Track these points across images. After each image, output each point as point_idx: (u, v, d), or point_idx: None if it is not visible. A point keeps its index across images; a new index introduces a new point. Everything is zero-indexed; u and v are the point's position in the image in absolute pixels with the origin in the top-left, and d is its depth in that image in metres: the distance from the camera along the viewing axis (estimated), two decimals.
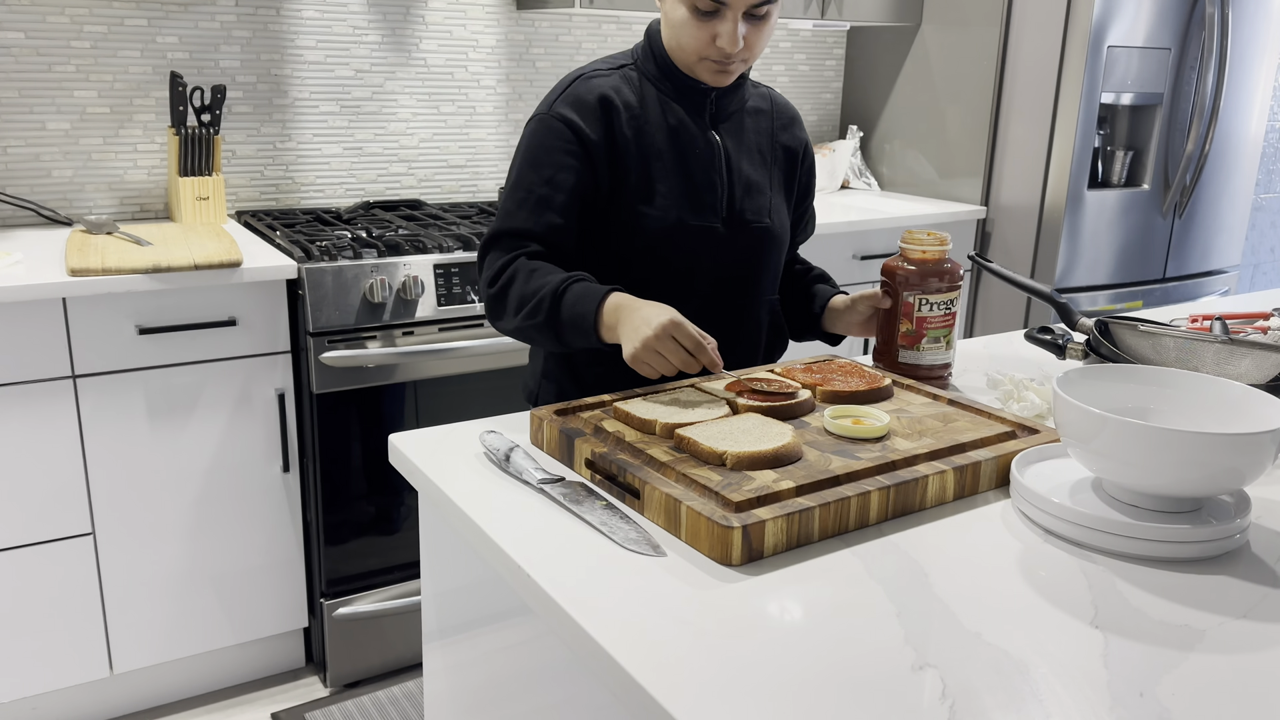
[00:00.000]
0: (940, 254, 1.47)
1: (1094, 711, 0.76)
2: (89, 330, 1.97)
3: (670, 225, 1.48)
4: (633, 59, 1.55)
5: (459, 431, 1.29)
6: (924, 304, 1.46)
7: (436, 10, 2.79)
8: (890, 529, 1.06)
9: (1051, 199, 3.02)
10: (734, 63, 1.45)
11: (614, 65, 1.54)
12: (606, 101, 1.48)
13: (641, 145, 1.49)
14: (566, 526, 1.04)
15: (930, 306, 1.46)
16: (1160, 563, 0.99)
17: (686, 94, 1.52)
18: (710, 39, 1.42)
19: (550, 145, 1.46)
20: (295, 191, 2.71)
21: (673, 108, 1.51)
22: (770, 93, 1.65)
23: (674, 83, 1.51)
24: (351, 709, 2.26)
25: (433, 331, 2.26)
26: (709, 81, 1.49)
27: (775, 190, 1.60)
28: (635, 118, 1.49)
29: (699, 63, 1.46)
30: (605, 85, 1.49)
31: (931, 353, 1.48)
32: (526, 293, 1.40)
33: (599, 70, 1.53)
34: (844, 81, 3.64)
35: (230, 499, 2.18)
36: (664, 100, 1.51)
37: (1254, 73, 3.24)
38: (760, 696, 0.77)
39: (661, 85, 1.52)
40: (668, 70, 1.51)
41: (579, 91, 1.49)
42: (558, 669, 0.99)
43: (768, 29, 1.45)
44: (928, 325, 1.47)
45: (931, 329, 1.47)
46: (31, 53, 2.34)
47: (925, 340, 1.47)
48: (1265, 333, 1.71)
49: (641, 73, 1.53)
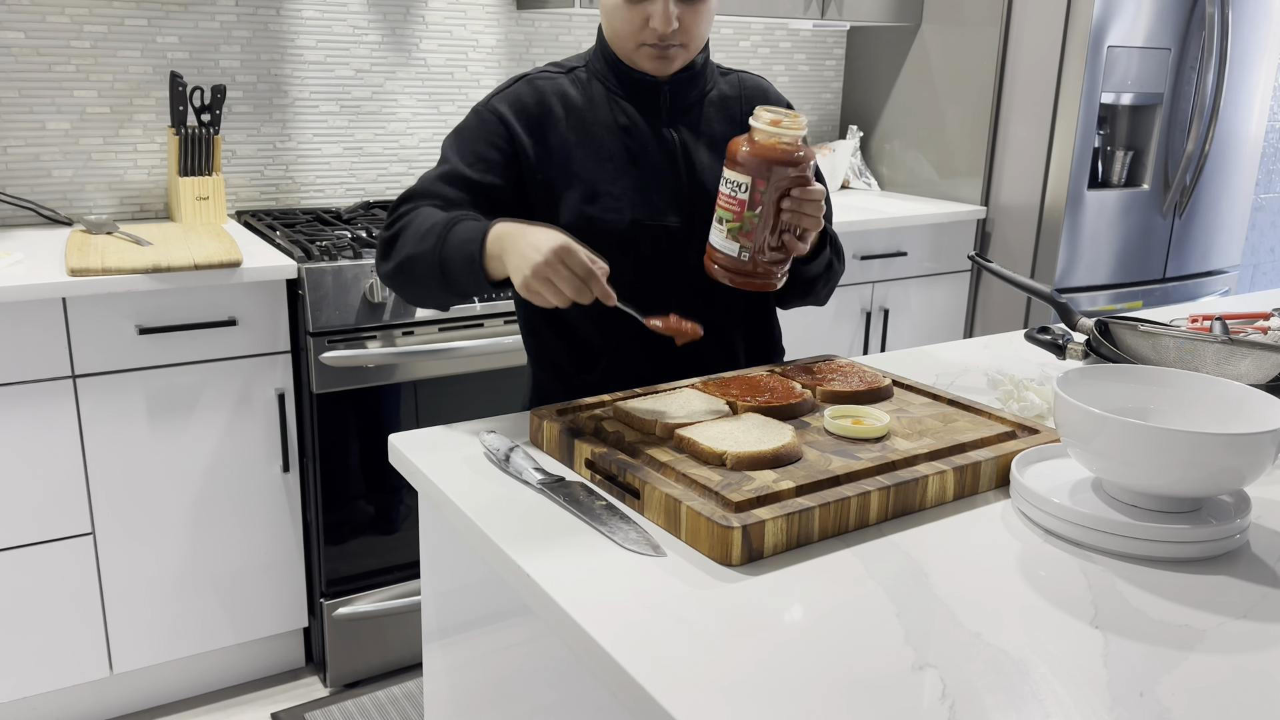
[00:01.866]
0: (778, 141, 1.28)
1: (1094, 711, 0.76)
2: (89, 330, 1.97)
3: (624, 226, 1.45)
4: (585, 60, 1.53)
5: (459, 431, 1.29)
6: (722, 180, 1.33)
7: (436, 10, 2.79)
8: (890, 529, 1.06)
9: (1051, 199, 3.02)
10: (672, 47, 1.41)
11: (564, 68, 1.52)
12: (546, 105, 1.46)
13: (588, 147, 1.46)
14: (566, 526, 1.04)
15: (722, 182, 1.32)
16: (1160, 563, 0.99)
17: (638, 91, 1.49)
18: (643, 22, 1.39)
19: (479, 134, 1.45)
20: (295, 191, 2.71)
21: (623, 106, 1.48)
22: (741, 78, 1.59)
23: (623, 81, 1.48)
24: (351, 709, 2.26)
25: (433, 331, 2.26)
26: (651, 70, 1.45)
27: None
28: (581, 120, 1.46)
29: (637, 50, 1.43)
30: (548, 88, 1.47)
31: (715, 233, 1.34)
32: (421, 226, 1.34)
33: (546, 72, 1.51)
34: (844, 81, 3.64)
35: (230, 499, 2.18)
36: (613, 99, 1.48)
37: (1254, 73, 3.24)
38: (760, 696, 0.77)
39: (610, 84, 1.49)
40: (616, 68, 1.48)
41: (519, 91, 1.47)
42: (558, 669, 0.99)
43: (706, 10, 1.41)
44: (718, 204, 1.33)
45: (720, 208, 1.34)
46: (31, 53, 2.34)
47: (714, 218, 1.34)
48: (1265, 333, 1.71)
49: (591, 73, 1.50)
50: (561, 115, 1.46)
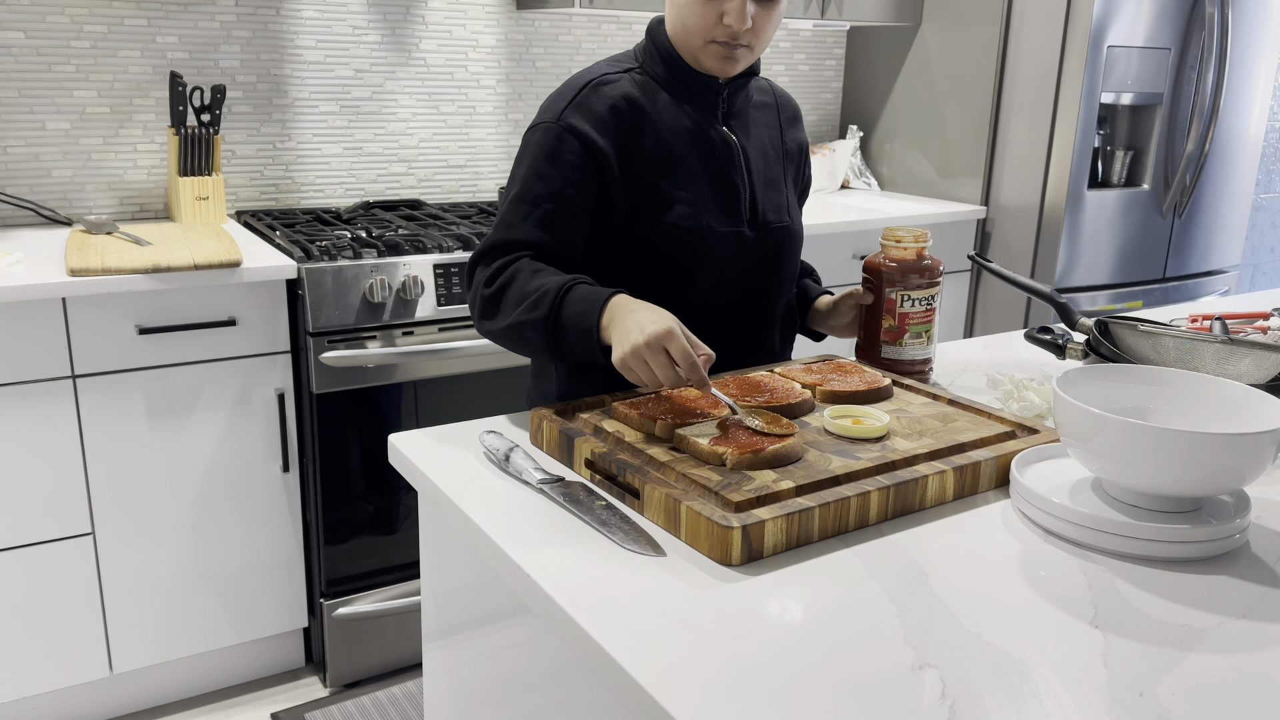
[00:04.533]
0: (920, 250, 1.48)
1: (1094, 711, 0.76)
2: (89, 330, 1.97)
3: (699, 234, 1.43)
4: (638, 61, 1.48)
5: (459, 431, 1.29)
6: (906, 300, 1.47)
7: (436, 10, 2.79)
8: (890, 529, 1.06)
9: (1051, 199, 3.02)
10: (740, 47, 1.40)
11: (621, 68, 1.46)
12: (619, 111, 1.40)
13: (662, 154, 1.42)
14: (566, 526, 1.04)
15: (912, 302, 1.47)
16: (1160, 563, 0.99)
17: (698, 92, 1.46)
18: (717, 18, 1.37)
19: (559, 157, 1.38)
20: (295, 191, 2.71)
21: (686, 109, 1.45)
22: (771, 85, 1.61)
23: (684, 82, 1.46)
24: (351, 709, 2.26)
25: (432, 331, 2.26)
26: (715, 70, 1.43)
27: (789, 186, 1.57)
28: (653, 125, 1.42)
29: (705, 47, 1.40)
30: (617, 93, 1.42)
31: (913, 348, 1.49)
32: (529, 289, 1.30)
33: (608, 75, 1.44)
34: (844, 81, 3.64)
35: (230, 499, 2.18)
36: (676, 103, 1.45)
37: (1254, 73, 3.24)
38: (760, 696, 0.77)
39: (671, 87, 1.45)
40: (676, 68, 1.45)
41: (590, 101, 1.41)
42: (558, 669, 0.99)
43: (777, 14, 1.40)
44: (909, 321, 1.48)
45: (913, 324, 1.48)
46: (31, 53, 2.34)
47: (908, 336, 1.49)
48: (1265, 333, 1.71)
49: (649, 75, 1.46)
50: (633, 122, 1.41)
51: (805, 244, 1.80)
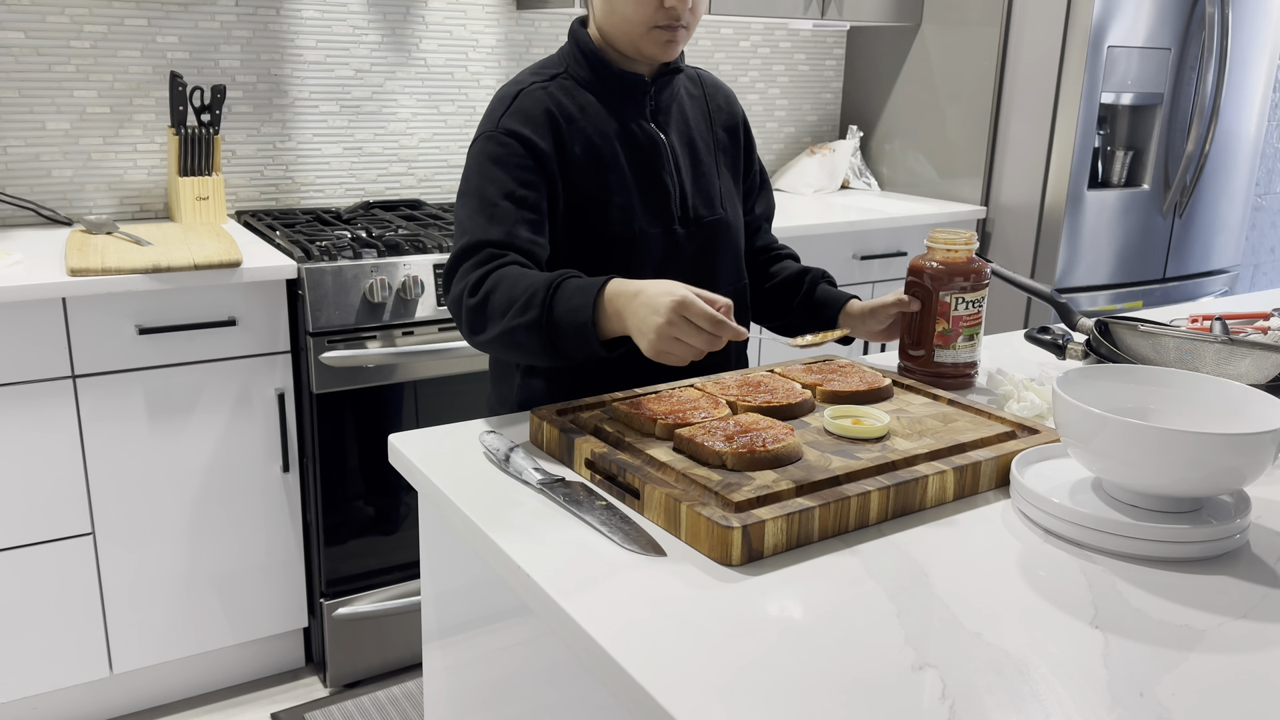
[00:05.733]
0: (969, 253, 1.47)
1: (1094, 711, 0.76)
2: (89, 330, 1.97)
3: (630, 238, 1.44)
4: (563, 66, 1.48)
5: (459, 431, 1.29)
6: (960, 302, 1.46)
7: (436, 10, 2.79)
8: (890, 529, 1.06)
9: (1051, 199, 3.02)
10: (680, 28, 1.41)
11: (546, 76, 1.47)
12: (551, 115, 1.41)
13: (591, 158, 1.43)
14: (566, 526, 1.04)
15: (966, 305, 1.46)
16: (1160, 563, 0.99)
17: (624, 92, 1.47)
18: (658, 3, 1.38)
19: (505, 161, 1.38)
20: (295, 191, 2.71)
21: (614, 111, 1.46)
22: (700, 74, 1.60)
23: (609, 83, 1.46)
24: (351, 709, 2.26)
25: (432, 331, 2.26)
26: (658, 55, 1.43)
27: (723, 176, 1.56)
28: (581, 129, 1.43)
29: (647, 34, 1.40)
30: (546, 98, 1.43)
31: (966, 350, 1.48)
32: (515, 294, 1.27)
33: (535, 81, 1.45)
34: (844, 81, 3.64)
35: (230, 499, 2.18)
36: (603, 105, 1.45)
37: (1254, 73, 3.24)
38: (760, 696, 0.77)
39: (596, 89, 1.46)
40: (601, 70, 1.45)
41: (524, 105, 1.41)
42: (558, 669, 0.99)
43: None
44: (963, 323, 1.46)
45: (966, 327, 1.47)
46: (31, 53, 2.34)
47: (960, 339, 1.47)
48: (1265, 333, 1.71)
49: (574, 79, 1.46)
50: (564, 125, 1.42)
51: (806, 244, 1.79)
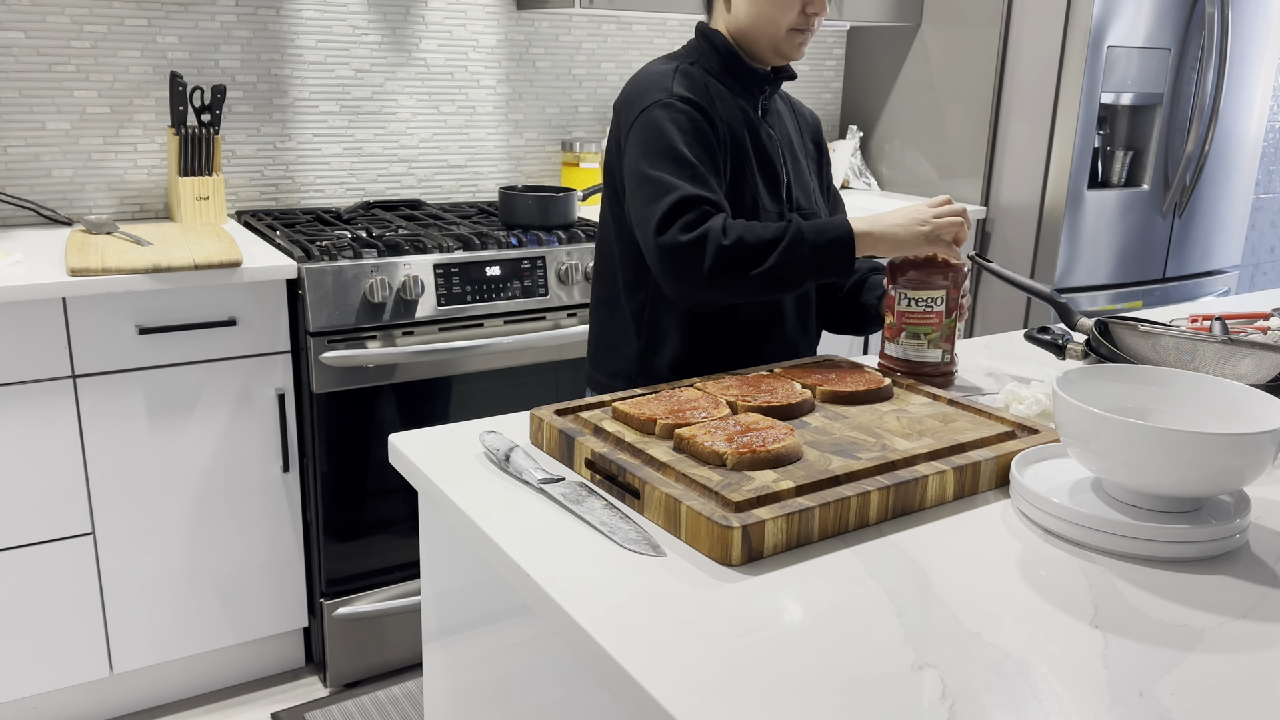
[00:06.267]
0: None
1: (1094, 711, 0.76)
2: (89, 330, 1.97)
3: (757, 211, 1.54)
4: (694, 58, 1.58)
5: (459, 431, 1.29)
6: (903, 299, 1.47)
7: (436, 10, 2.79)
8: (890, 529, 1.06)
9: (1051, 199, 3.02)
10: (809, 32, 1.54)
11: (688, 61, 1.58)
12: (708, 91, 1.53)
13: (731, 135, 1.54)
14: (566, 526, 1.04)
15: (909, 302, 1.47)
16: (1160, 563, 0.99)
17: (748, 88, 1.58)
18: (801, 6, 1.51)
19: (687, 127, 1.47)
20: (295, 191, 2.71)
21: (738, 101, 1.57)
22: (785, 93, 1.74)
23: (738, 76, 1.57)
24: (351, 709, 2.26)
25: (433, 331, 2.26)
26: (794, 55, 1.56)
27: (813, 178, 1.70)
28: (721, 110, 1.53)
29: (787, 36, 1.52)
30: (701, 76, 1.54)
31: (912, 349, 1.48)
32: (766, 237, 1.40)
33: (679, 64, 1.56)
34: (844, 81, 3.64)
35: (230, 499, 2.18)
36: (730, 94, 1.56)
37: (1254, 73, 3.24)
38: (760, 696, 0.77)
39: (725, 80, 1.57)
40: (732, 64, 1.57)
41: (688, 79, 1.52)
42: (558, 669, 0.99)
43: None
44: (906, 320, 1.48)
45: (910, 325, 1.47)
46: (31, 53, 2.34)
47: (904, 335, 1.48)
48: (1265, 333, 1.71)
49: (705, 69, 1.57)
50: (716, 102, 1.53)
51: None
